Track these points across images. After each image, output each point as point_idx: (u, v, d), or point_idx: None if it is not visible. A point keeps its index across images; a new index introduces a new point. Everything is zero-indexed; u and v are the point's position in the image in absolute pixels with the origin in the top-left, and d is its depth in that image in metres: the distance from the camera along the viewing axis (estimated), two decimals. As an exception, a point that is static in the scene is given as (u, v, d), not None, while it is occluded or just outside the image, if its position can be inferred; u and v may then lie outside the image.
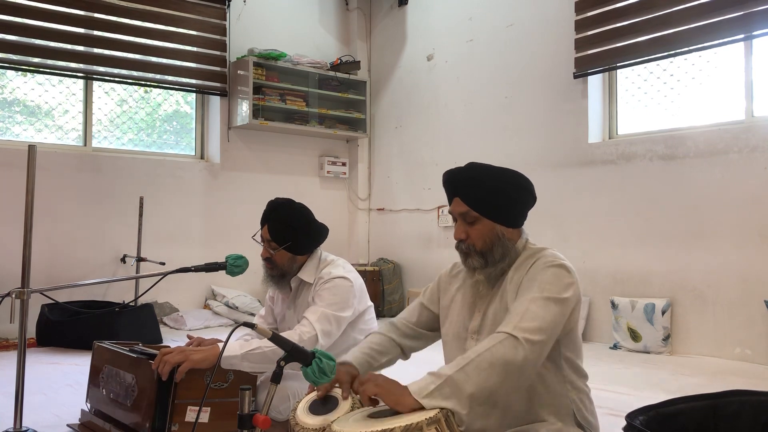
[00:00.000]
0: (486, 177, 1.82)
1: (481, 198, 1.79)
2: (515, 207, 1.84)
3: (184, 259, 5.20)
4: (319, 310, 2.42)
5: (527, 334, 1.60)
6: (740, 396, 1.64)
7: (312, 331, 2.36)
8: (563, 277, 1.72)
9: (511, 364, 1.58)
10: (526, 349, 1.59)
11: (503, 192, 1.80)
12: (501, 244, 1.80)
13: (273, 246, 2.54)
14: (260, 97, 6.02)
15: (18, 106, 5.37)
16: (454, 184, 1.85)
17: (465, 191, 1.81)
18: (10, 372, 2.75)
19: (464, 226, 1.82)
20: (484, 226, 1.80)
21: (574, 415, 1.78)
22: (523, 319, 1.63)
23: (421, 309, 2.03)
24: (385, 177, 6.76)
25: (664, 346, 4.37)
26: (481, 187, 1.80)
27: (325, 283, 2.49)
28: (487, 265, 1.80)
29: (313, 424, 1.59)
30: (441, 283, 2.02)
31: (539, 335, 1.62)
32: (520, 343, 1.59)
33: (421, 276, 6.25)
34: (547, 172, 5.19)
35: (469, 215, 1.80)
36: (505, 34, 5.58)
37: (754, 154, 4.13)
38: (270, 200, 2.62)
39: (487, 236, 1.80)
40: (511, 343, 1.59)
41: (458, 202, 1.82)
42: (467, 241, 1.81)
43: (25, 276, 2.47)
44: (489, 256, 1.80)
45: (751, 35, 4.15)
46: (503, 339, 1.60)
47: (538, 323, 1.62)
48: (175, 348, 2.22)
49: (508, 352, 1.58)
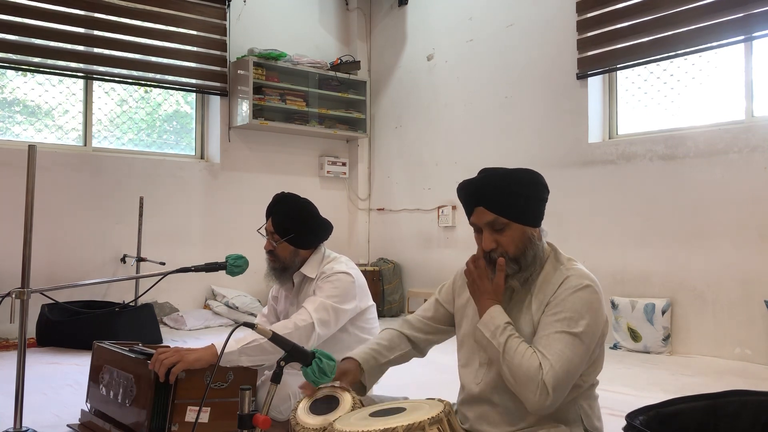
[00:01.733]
0: (506, 181, 1.78)
1: (506, 203, 1.75)
2: (538, 205, 1.81)
3: (184, 259, 5.20)
4: (317, 300, 2.43)
5: (557, 382, 1.62)
6: (740, 396, 1.63)
7: (309, 319, 2.36)
8: (593, 303, 1.72)
9: (528, 402, 1.63)
10: (549, 399, 1.61)
11: (524, 193, 1.78)
12: (532, 246, 1.77)
13: (276, 238, 2.55)
14: (260, 97, 6.02)
15: (18, 106, 5.36)
16: (473, 194, 1.79)
17: (488, 199, 1.75)
18: (10, 372, 2.75)
19: (493, 235, 1.76)
20: (515, 230, 1.76)
21: (582, 422, 1.77)
22: (557, 361, 1.63)
23: (437, 306, 2.01)
24: (385, 177, 6.76)
25: (664, 346, 4.37)
26: (503, 192, 1.75)
27: (327, 278, 2.50)
28: (521, 270, 1.76)
29: (314, 424, 1.58)
30: (456, 282, 1.99)
31: (565, 384, 1.65)
32: (548, 395, 1.61)
33: (421, 276, 6.25)
34: (547, 172, 5.10)
35: (498, 222, 1.75)
36: (505, 34, 5.58)
37: (754, 154, 4.12)
38: (276, 193, 2.65)
39: (519, 240, 1.76)
40: (540, 388, 1.61)
41: (482, 211, 1.76)
42: (498, 250, 1.76)
43: (25, 276, 2.47)
44: (522, 261, 1.76)
45: (751, 37, 4.15)
46: (534, 376, 1.62)
47: (566, 369, 1.64)
48: (170, 348, 2.22)
49: (532, 395, 1.62)
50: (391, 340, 1.94)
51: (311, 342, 2.35)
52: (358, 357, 1.85)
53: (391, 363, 1.93)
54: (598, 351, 1.77)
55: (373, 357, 1.87)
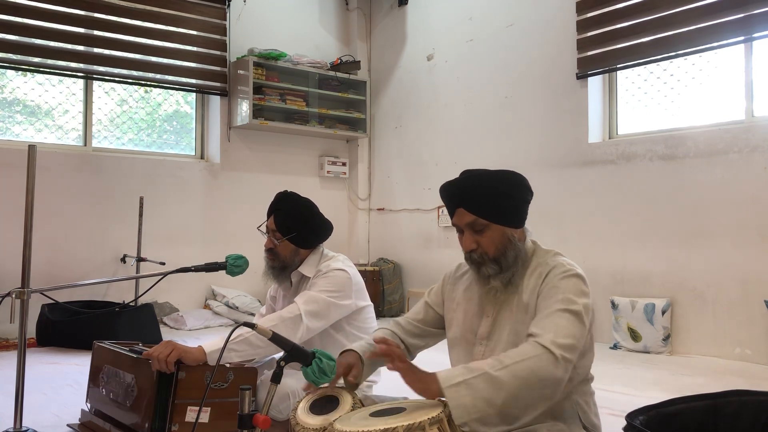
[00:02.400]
0: (486, 182, 1.80)
1: (486, 204, 1.77)
2: (519, 207, 1.82)
3: (184, 259, 5.20)
4: (308, 293, 2.44)
5: (566, 352, 1.59)
6: (740, 396, 1.63)
7: (296, 311, 2.37)
8: (583, 287, 1.72)
9: (548, 381, 1.56)
10: (565, 369, 1.58)
11: (505, 194, 1.79)
12: (513, 247, 1.78)
13: (277, 236, 2.55)
14: (260, 97, 6.02)
15: (18, 106, 5.36)
16: (455, 195, 1.82)
17: (468, 200, 1.78)
18: (10, 372, 2.75)
19: (473, 236, 1.79)
20: (494, 231, 1.78)
21: (579, 419, 1.77)
22: (559, 334, 1.61)
23: (427, 308, 2.02)
24: (385, 177, 6.76)
25: (664, 346, 4.37)
26: (484, 194, 1.78)
27: (323, 275, 2.50)
28: (502, 270, 1.78)
29: (314, 423, 1.58)
30: (446, 284, 2.00)
31: (573, 354, 1.61)
32: (559, 362, 1.57)
33: (421, 276, 6.25)
34: (547, 172, 5.19)
35: (478, 223, 1.77)
36: (505, 34, 5.58)
37: (754, 154, 4.13)
38: (278, 192, 2.65)
39: (499, 241, 1.77)
40: (550, 359, 1.57)
41: (462, 212, 1.79)
42: (478, 251, 1.78)
43: (25, 276, 2.47)
44: (503, 261, 1.77)
45: (751, 37, 4.15)
46: (542, 353, 1.58)
47: (572, 341, 1.61)
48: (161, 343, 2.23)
49: (547, 368, 1.56)
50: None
51: (299, 334, 2.34)
52: (358, 350, 1.85)
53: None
54: (589, 339, 1.76)
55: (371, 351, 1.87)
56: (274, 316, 2.37)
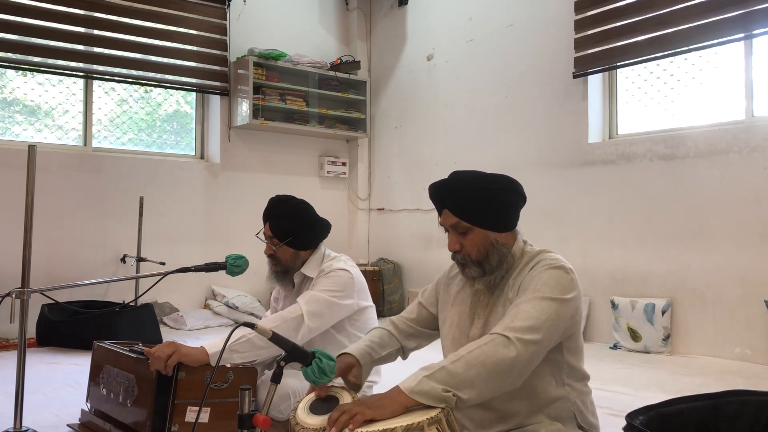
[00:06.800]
0: (471, 185, 1.79)
1: (469, 207, 1.76)
2: (505, 211, 1.81)
3: (184, 259, 5.20)
4: (310, 293, 2.44)
5: (519, 333, 1.58)
6: (740, 396, 1.63)
7: (298, 311, 2.37)
8: (561, 278, 1.70)
9: (503, 363, 1.55)
10: (518, 348, 1.56)
11: (490, 198, 1.78)
12: (496, 251, 1.78)
13: (275, 242, 2.54)
14: (260, 96, 6.02)
15: (18, 106, 5.36)
16: (440, 196, 1.82)
17: (452, 202, 1.78)
18: (10, 372, 2.75)
19: (457, 237, 1.79)
20: (477, 235, 1.77)
21: (575, 418, 1.77)
22: (515, 319, 1.61)
23: (420, 308, 2.02)
24: (385, 177, 6.76)
25: (664, 346, 4.37)
26: (467, 197, 1.77)
27: (325, 275, 2.50)
28: (485, 273, 1.78)
29: (314, 423, 1.58)
30: (439, 285, 2.01)
31: (532, 334, 1.59)
32: (512, 342, 1.57)
33: (421, 276, 6.25)
34: (547, 173, 5.19)
35: (460, 226, 1.78)
36: (505, 34, 5.58)
37: (754, 154, 4.13)
38: (271, 197, 2.63)
39: (481, 245, 1.77)
40: (501, 341, 1.57)
41: (447, 214, 1.80)
42: (462, 252, 1.79)
43: (25, 276, 2.47)
44: (486, 265, 1.78)
45: (751, 34, 4.15)
46: (494, 338, 1.59)
47: (530, 322, 1.60)
48: (163, 343, 2.23)
49: (499, 351, 1.55)
50: (382, 338, 1.95)
51: (300, 334, 2.34)
52: (355, 353, 1.85)
53: (382, 360, 1.93)
54: (574, 327, 1.75)
55: (368, 353, 1.88)
56: (276, 316, 2.37)
